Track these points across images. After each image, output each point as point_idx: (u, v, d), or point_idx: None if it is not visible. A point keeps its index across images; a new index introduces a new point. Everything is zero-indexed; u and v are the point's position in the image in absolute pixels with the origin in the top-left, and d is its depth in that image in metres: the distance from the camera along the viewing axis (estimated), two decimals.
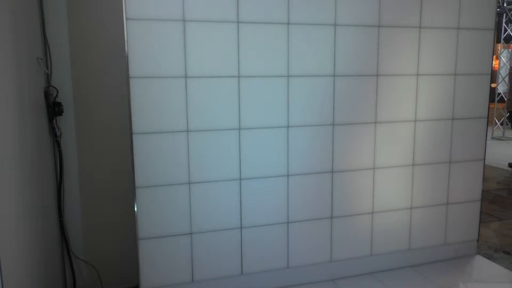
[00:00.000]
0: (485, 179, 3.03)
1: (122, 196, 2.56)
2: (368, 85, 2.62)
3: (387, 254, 2.84)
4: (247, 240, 2.52)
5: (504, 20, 8.78)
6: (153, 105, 2.25)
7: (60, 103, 2.39)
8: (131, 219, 2.38)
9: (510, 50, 9.18)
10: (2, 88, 1.74)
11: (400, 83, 2.70)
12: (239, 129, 2.41)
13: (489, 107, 2.95)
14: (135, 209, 2.30)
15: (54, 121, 2.39)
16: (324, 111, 2.55)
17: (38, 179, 2.17)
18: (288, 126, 2.50)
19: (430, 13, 2.68)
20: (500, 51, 9.07)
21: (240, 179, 2.45)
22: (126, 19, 2.15)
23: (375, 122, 2.68)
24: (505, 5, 8.56)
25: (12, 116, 1.85)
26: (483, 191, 3.03)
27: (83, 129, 2.50)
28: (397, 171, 2.78)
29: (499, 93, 9.18)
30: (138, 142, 2.26)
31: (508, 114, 9.06)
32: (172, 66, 2.25)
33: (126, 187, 2.46)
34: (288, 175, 2.54)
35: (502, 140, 8.79)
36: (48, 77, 2.38)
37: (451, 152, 2.88)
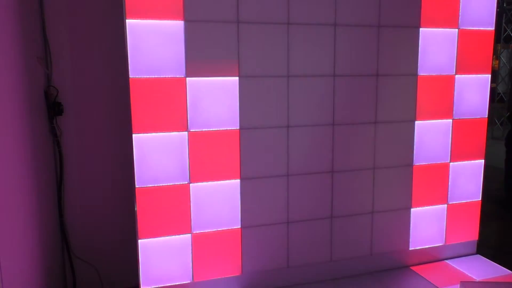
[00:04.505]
0: (485, 179, 3.03)
1: (122, 196, 2.56)
2: (368, 85, 2.62)
3: (387, 254, 2.84)
4: (247, 240, 2.51)
5: (504, 20, 8.77)
6: (153, 105, 2.25)
7: (60, 103, 2.38)
8: (131, 219, 2.38)
9: (510, 50, 9.17)
10: (2, 87, 1.74)
11: (400, 83, 2.70)
12: (239, 129, 2.41)
13: (489, 107, 2.95)
14: (135, 209, 2.30)
15: (54, 121, 2.39)
16: (324, 111, 2.55)
17: (38, 179, 2.17)
18: (288, 126, 2.50)
19: (429, 13, 2.68)
20: (500, 51, 9.05)
21: (240, 179, 2.45)
22: (126, 19, 2.15)
23: (375, 122, 2.68)
24: (505, 5, 8.55)
25: (12, 116, 1.85)
26: (483, 191, 3.02)
27: (83, 129, 2.50)
28: (397, 171, 2.78)
29: (499, 93, 9.17)
30: (138, 142, 2.26)
31: (508, 114, 9.04)
32: (172, 66, 2.25)
33: (126, 187, 2.46)
34: (288, 175, 2.54)
35: (502, 140, 8.78)
36: (48, 77, 2.38)
37: (451, 152, 2.88)
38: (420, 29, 2.67)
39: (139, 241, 2.33)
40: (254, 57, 2.38)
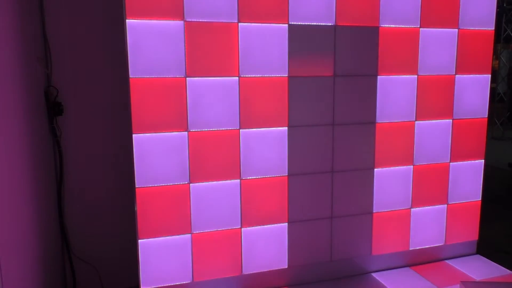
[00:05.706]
0: (485, 179, 3.03)
1: (122, 196, 2.56)
2: (368, 85, 2.62)
3: (387, 254, 2.84)
4: (247, 240, 2.51)
5: (504, 20, 8.77)
6: (153, 105, 2.25)
7: (60, 103, 2.39)
8: (131, 219, 2.38)
9: (510, 50, 9.17)
10: (2, 88, 1.74)
11: (400, 83, 2.70)
12: (240, 129, 2.41)
13: (489, 107, 2.95)
14: (135, 209, 2.30)
15: (54, 121, 2.39)
16: (324, 111, 2.55)
17: (38, 179, 2.17)
18: (288, 126, 2.50)
19: (430, 13, 2.68)
20: (500, 51, 9.05)
21: (241, 179, 2.45)
22: (126, 19, 2.15)
23: (375, 122, 2.67)
24: (505, 5, 8.55)
25: (12, 116, 1.85)
26: (483, 191, 3.02)
27: (83, 129, 2.50)
28: (397, 171, 2.78)
29: (499, 93, 9.17)
30: (138, 142, 2.26)
31: (508, 114, 9.05)
32: (172, 66, 2.25)
33: (126, 187, 2.46)
34: (288, 175, 2.54)
35: (502, 140, 8.78)
36: (48, 77, 2.38)
37: (451, 152, 2.88)
38: (420, 28, 2.67)
39: (139, 241, 2.33)
40: (254, 56, 2.38)
